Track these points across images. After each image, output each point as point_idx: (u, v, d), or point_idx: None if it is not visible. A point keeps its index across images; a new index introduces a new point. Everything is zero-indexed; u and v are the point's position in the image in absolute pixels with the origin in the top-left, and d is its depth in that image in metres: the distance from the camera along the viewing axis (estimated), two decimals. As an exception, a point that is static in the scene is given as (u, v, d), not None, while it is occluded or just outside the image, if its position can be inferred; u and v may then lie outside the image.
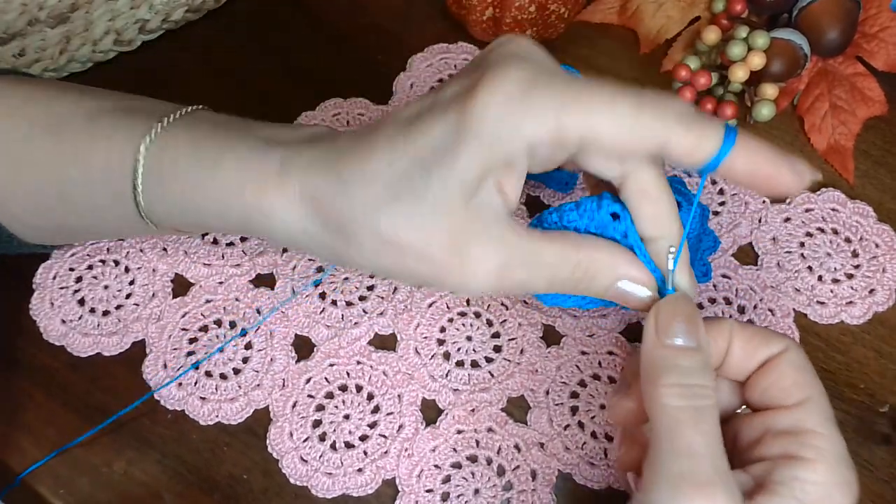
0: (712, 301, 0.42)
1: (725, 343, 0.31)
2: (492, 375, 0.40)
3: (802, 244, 0.44)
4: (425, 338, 0.41)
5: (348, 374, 0.40)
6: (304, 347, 0.41)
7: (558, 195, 0.45)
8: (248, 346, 0.41)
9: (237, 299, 0.42)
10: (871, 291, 0.42)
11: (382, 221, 0.30)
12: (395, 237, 0.30)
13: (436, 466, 0.38)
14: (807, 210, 0.45)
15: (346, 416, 0.39)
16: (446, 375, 0.40)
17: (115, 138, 0.34)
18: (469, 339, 0.41)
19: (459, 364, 0.40)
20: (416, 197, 0.30)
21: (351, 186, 0.31)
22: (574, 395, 0.39)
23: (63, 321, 0.41)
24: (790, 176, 0.29)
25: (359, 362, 0.40)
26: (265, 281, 0.43)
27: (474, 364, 0.40)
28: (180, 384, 0.39)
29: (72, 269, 0.43)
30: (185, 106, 0.36)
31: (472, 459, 0.38)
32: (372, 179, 0.30)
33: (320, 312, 0.42)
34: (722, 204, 0.45)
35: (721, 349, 0.31)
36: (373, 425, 0.39)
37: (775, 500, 0.28)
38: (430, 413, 0.39)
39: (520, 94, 0.28)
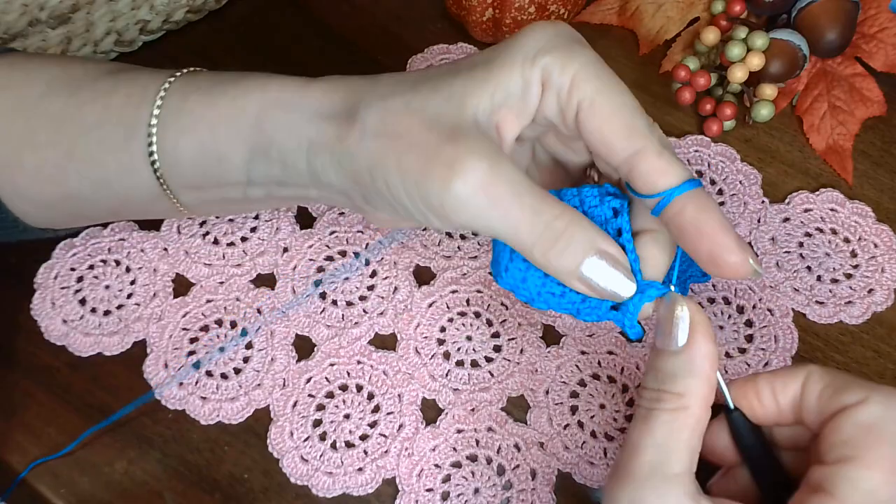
0: (711, 301, 0.42)
1: (798, 389, 0.30)
2: (492, 375, 0.40)
3: (801, 244, 0.44)
4: (425, 337, 0.41)
5: (348, 373, 0.40)
6: (304, 347, 0.41)
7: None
8: (249, 346, 0.41)
9: (238, 299, 0.42)
10: (870, 291, 0.42)
11: (396, 103, 0.31)
12: (400, 119, 0.31)
13: (436, 466, 0.38)
14: (806, 210, 0.45)
15: (347, 416, 0.39)
16: (446, 375, 0.40)
17: (138, 80, 0.35)
18: (469, 338, 0.41)
19: (459, 364, 0.40)
20: (435, 88, 0.31)
21: (381, 80, 0.33)
22: (574, 394, 0.40)
23: (64, 321, 0.41)
24: (732, 253, 0.29)
25: (359, 362, 0.40)
26: (266, 281, 0.43)
27: (474, 364, 0.40)
28: (181, 384, 0.40)
29: (73, 269, 0.43)
30: None
31: (472, 459, 0.38)
32: (404, 78, 0.32)
33: (321, 312, 0.42)
34: (721, 204, 0.45)
35: (794, 396, 0.30)
36: (373, 425, 0.39)
37: None
38: (430, 412, 0.39)
39: (562, 37, 0.31)
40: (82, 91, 0.35)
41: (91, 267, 0.43)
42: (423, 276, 0.43)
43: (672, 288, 0.32)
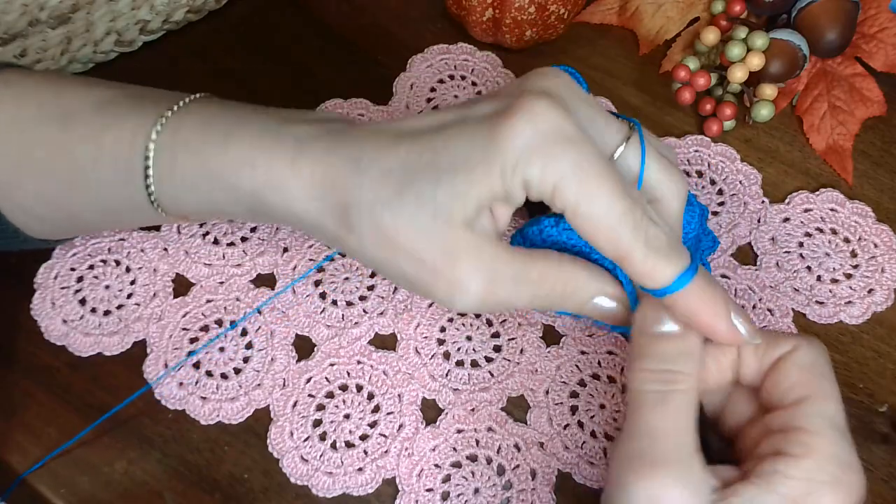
0: (711, 301, 0.42)
1: (735, 351, 0.32)
2: (492, 375, 0.40)
3: (801, 244, 0.44)
4: (425, 337, 0.41)
5: (349, 373, 0.40)
6: (304, 347, 0.41)
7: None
8: (249, 346, 0.41)
9: (238, 299, 0.42)
10: (870, 291, 0.42)
11: (385, 217, 0.31)
12: (394, 234, 0.31)
13: (436, 466, 0.38)
14: (806, 210, 0.45)
15: (347, 416, 0.39)
16: (446, 375, 0.40)
17: (125, 124, 0.35)
18: (469, 338, 0.41)
19: (459, 364, 0.40)
20: (420, 202, 0.31)
21: (365, 176, 0.32)
22: (574, 394, 0.40)
23: (64, 321, 0.41)
24: (726, 334, 0.31)
25: (359, 362, 0.40)
26: (266, 281, 0.43)
27: (474, 364, 0.40)
28: (181, 384, 0.40)
29: (73, 269, 0.43)
30: (192, 94, 0.36)
31: (472, 459, 0.38)
32: (386, 173, 0.31)
33: (321, 312, 0.42)
34: (721, 204, 0.45)
35: (733, 358, 0.33)
36: (373, 425, 0.39)
37: (751, 490, 0.28)
38: (430, 412, 0.39)
39: (542, 142, 0.30)
40: (75, 126, 0.35)
41: (91, 267, 0.43)
42: (423, 276, 0.43)
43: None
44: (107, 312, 0.42)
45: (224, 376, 0.40)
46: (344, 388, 0.40)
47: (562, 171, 0.29)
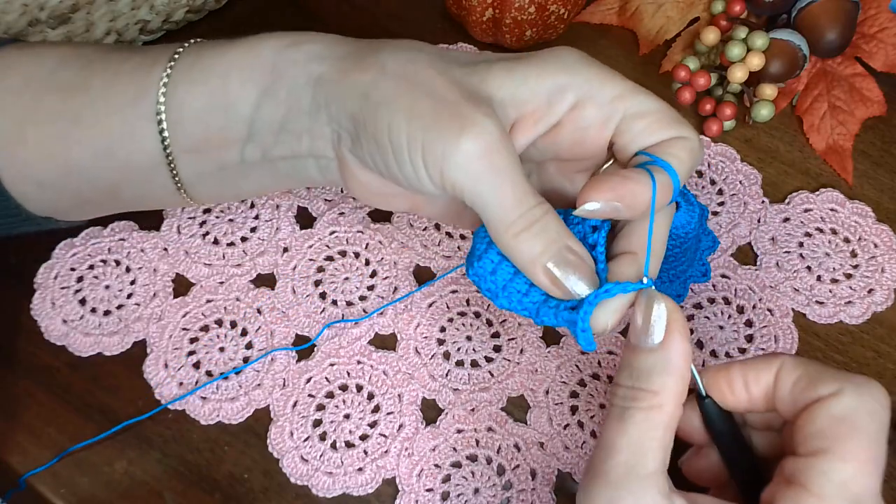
0: (711, 301, 0.42)
1: (771, 379, 0.30)
2: (492, 375, 0.40)
3: (801, 244, 0.44)
4: (425, 337, 0.41)
5: (349, 373, 0.40)
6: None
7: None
8: (249, 346, 0.41)
9: (238, 299, 0.42)
10: (870, 291, 0.42)
11: (421, 55, 0.32)
12: (423, 69, 0.32)
13: (436, 466, 0.38)
14: (806, 210, 0.45)
15: (347, 416, 0.39)
16: (446, 375, 0.40)
17: (148, 53, 0.36)
18: (469, 338, 0.41)
19: (459, 364, 0.40)
20: (460, 63, 0.32)
21: (403, 43, 0.33)
22: (574, 394, 0.40)
23: (64, 321, 0.41)
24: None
25: (359, 362, 0.40)
26: (265, 281, 0.43)
27: (474, 364, 0.40)
28: (181, 384, 0.40)
29: (73, 269, 0.43)
30: None
31: (472, 459, 0.38)
32: (425, 46, 0.33)
33: (320, 312, 0.42)
34: (721, 204, 0.45)
35: (767, 386, 0.30)
36: (373, 425, 0.39)
37: None
38: (430, 412, 0.39)
39: (594, 60, 0.33)
40: (94, 63, 0.35)
41: (91, 267, 0.43)
42: (423, 276, 0.43)
43: (646, 282, 0.31)
44: (107, 312, 0.42)
45: (224, 376, 0.40)
46: (344, 388, 0.40)
47: (618, 77, 0.32)
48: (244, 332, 0.41)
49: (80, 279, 0.42)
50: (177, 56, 0.35)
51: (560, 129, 0.33)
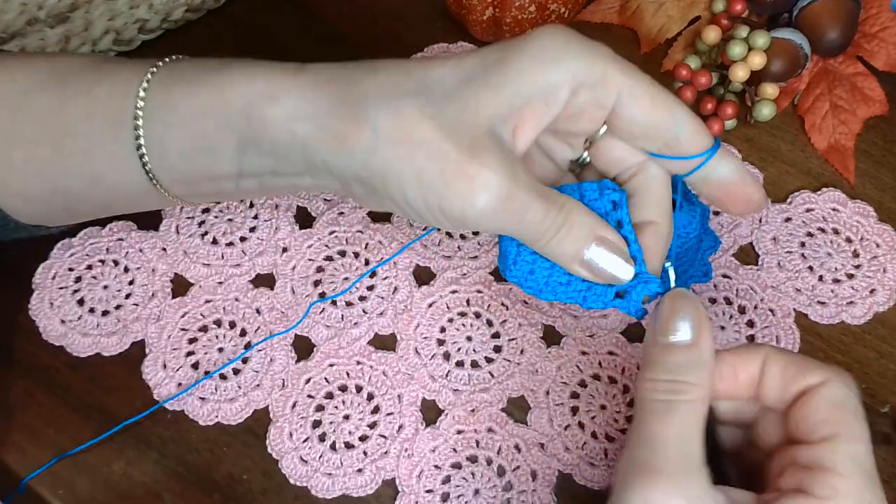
0: (713, 301, 0.42)
1: (756, 369, 0.31)
2: (492, 376, 0.40)
3: (803, 244, 0.44)
4: (425, 338, 0.41)
5: (348, 374, 0.40)
6: (303, 347, 0.41)
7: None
8: (248, 346, 0.41)
9: (237, 299, 0.42)
10: (872, 291, 0.42)
11: (408, 106, 0.31)
12: (416, 125, 0.30)
13: (436, 467, 0.37)
14: (807, 210, 0.45)
15: (346, 417, 0.39)
16: (446, 375, 0.40)
17: (119, 75, 0.34)
18: (469, 339, 0.41)
19: (459, 364, 0.40)
20: (447, 98, 0.31)
21: (381, 73, 0.32)
22: (574, 395, 0.39)
23: (62, 321, 0.41)
24: (756, 191, 0.34)
25: (359, 362, 0.40)
26: (265, 281, 0.42)
27: (474, 364, 0.40)
28: (180, 384, 0.39)
29: (71, 269, 0.42)
30: None
31: (472, 460, 0.38)
32: (405, 73, 0.31)
33: (320, 312, 0.41)
34: (722, 204, 0.45)
35: (752, 375, 0.31)
36: (373, 425, 0.39)
37: None
38: (430, 413, 0.39)
39: (575, 38, 0.31)
40: (67, 86, 0.34)
41: (89, 267, 0.43)
42: (423, 276, 0.43)
43: (672, 284, 0.34)
44: (105, 313, 0.41)
45: (223, 377, 0.40)
46: (343, 388, 0.40)
47: (607, 55, 0.31)
48: (243, 333, 0.41)
49: (78, 279, 0.42)
50: (146, 84, 0.34)
51: (565, 110, 0.33)
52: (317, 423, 0.39)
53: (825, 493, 0.28)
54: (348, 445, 0.38)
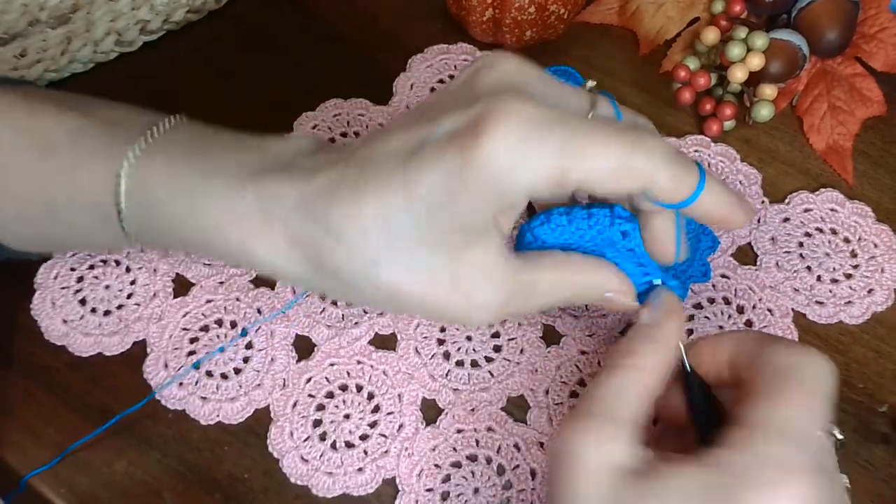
0: (711, 301, 0.42)
1: (734, 347, 0.33)
2: (492, 375, 0.40)
3: (801, 244, 0.44)
4: (425, 337, 0.41)
5: (349, 373, 0.40)
6: (304, 347, 0.41)
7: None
8: (249, 346, 0.41)
9: (238, 299, 0.42)
10: (870, 291, 0.42)
11: (382, 275, 0.30)
12: (396, 288, 0.31)
13: (436, 466, 0.38)
14: (806, 210, 0.45)
15: (347, 416, 0.39)
16: (446, 375, 0.40)
17: (96, 163, 0.34)
18: (469, 338, 0.41)
19: (459, 364, 0.40)
20: (414, 243, 0.30)
21: (343, 238, 0.30)
22: (574, 394, 0.40)
23: (64, 321, 0.41)
24: (741, 216, 0.32)
25: (359, 362, 0.40)
26: (266, 281, 0.43)
27: (474, 364, 0.40)
28: (181, 384, 0.40)
29: (73, 269, 0.43)
30: (164, 117, 0.35)
31: (472, 459, 0.38)
32: (364, 231, 0.30)
33: (321, 312, 0.42)
34: (721, 204, 0.45)
35: (729, 352, 0.33)
36: (373, 425, 0.39)
37: (672, 468, 0.28)
38: (430, 412, 0.39)
39: (523, 143, 0.28)
40: (50, 159, 0.34)
41: (91, 267, 0.43)
42: (423, 276, 0.43)
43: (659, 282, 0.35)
44: (107, 312, 0.42)
45: (224, 376, 0.40)
46: (344, 388, 0.40)
47: (552, 160, 0.28)
48: (244, 333, 0.41)
49: (80, 279, 0.42)
50: (123, 183, 0.33)
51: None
52: (317, 423, 0.39)
53: (724, 443, 0.28)
54: (349, 444, 0.38)
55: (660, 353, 0.31)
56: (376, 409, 0.39)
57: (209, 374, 0.40)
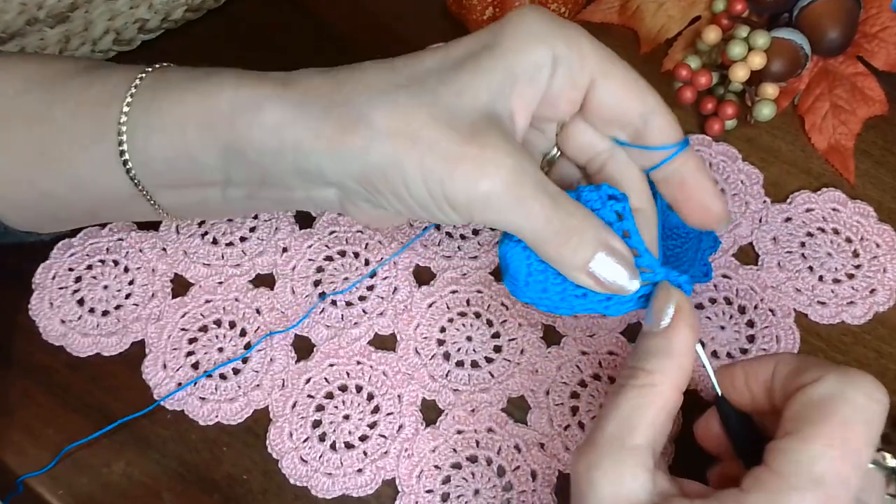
0: (713, 301, 0.42)
1: (769, 374, 0.31)
2: (492, 376, 0.40)
3: (803, 244, 0.44)
4: (425, 338, 0.41)
5: (348, 374, 0.40)
6: (303, 348, 0.41)
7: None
8: (248, 347, 0.41)
9: (237, 299, 0.42)
10: (872, 291, 0.42)
11: (401, 97, 0.30)
12: (412, 115, 0.30)
13: (436, 467, 0.37)
14: (807, 210, 0.45)
15: (346, 417, 0.39)
16: (446, 375, 0.40)
17: (110, 78, 0.34)
18: (469, 339, 0.41)
19: (459, 364, 0.40)
20: (441, 83, 0.30)
21: (368, 71, 0.32)
22: (574, 395, 0.39)
23: (62, 321, 0.41)
24: (719, 203, 0.33)
25: (359, 362, 0.40)
26: (265, 281, 0.42)
27: (474, 364, 0.40)
28: (179, 384, 0.39)
29: (71, 269, 0.42)
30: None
31: (472, 460, 0.38)
32: (392, 69, 0.31)
33: (320, 312, 0.41)
34: (722, 204, 0.45)
35: (766, 381, 0.31)
36: (373, 425, 0.39)
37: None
38: (430, 413, 0.39)
39: (553, 18, 0.31)
40: (56, 89, 0.34)
41: (89, 267, 0.43)
42: (423, 277, 0.43)
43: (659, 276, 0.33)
44: (105, 313, 0.41)
45: (223, 377, 0.40)
46: (343, 388, 0.40)
47: (583, 37, 0.31)
48: (243, 333, 0.41)
49: (78, 279, 0.42)
50: (133, 90, 0.33)
51: (547, 92, 0.33)
52: (317, 423, 0.39)
53: (747, 486, 0.27)
54: (348, 445, 0.38)
55: (674, 368, 0.30)
56: (376, 410, 0.39)
57: (208, 375, 0.40)
